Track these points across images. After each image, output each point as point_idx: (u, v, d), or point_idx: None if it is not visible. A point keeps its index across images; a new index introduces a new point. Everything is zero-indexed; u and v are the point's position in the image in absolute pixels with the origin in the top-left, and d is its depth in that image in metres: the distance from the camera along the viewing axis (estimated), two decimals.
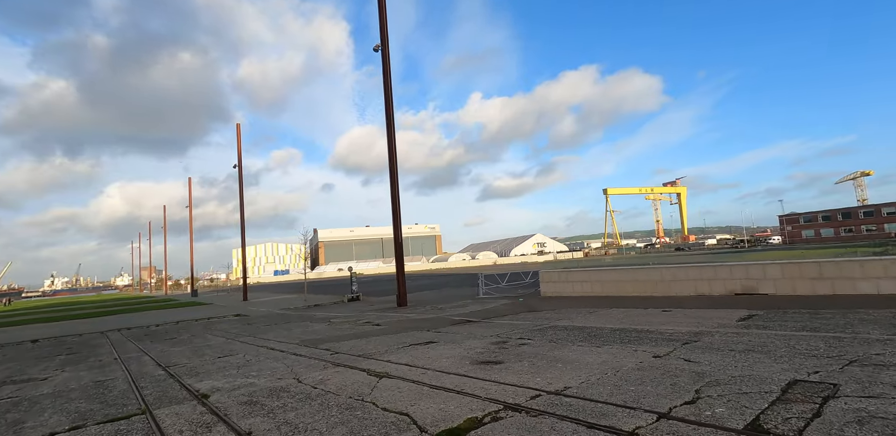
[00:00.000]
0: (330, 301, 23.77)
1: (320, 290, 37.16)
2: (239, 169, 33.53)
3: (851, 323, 7.01)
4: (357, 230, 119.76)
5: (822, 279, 10.52)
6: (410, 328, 10.61)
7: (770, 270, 11.26)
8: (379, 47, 18.44)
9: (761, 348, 5.77)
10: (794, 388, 4.08)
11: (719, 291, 12.06)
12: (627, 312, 10.52)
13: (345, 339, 9.68)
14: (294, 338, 10.55)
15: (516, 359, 6.20)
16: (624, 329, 8.14)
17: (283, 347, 9.25)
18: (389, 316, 13.89)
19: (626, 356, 5.88)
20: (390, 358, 6.99)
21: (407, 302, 17.33)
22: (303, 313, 17.97)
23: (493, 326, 9.98)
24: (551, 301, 14.34)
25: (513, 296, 17.34)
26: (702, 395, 4.07)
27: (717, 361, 5.28)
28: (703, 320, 8.42)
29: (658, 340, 6.89)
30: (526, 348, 6.97)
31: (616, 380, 4.74)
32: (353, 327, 11.71)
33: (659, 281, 13.23)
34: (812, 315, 8.00)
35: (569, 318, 10.25)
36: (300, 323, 14.16)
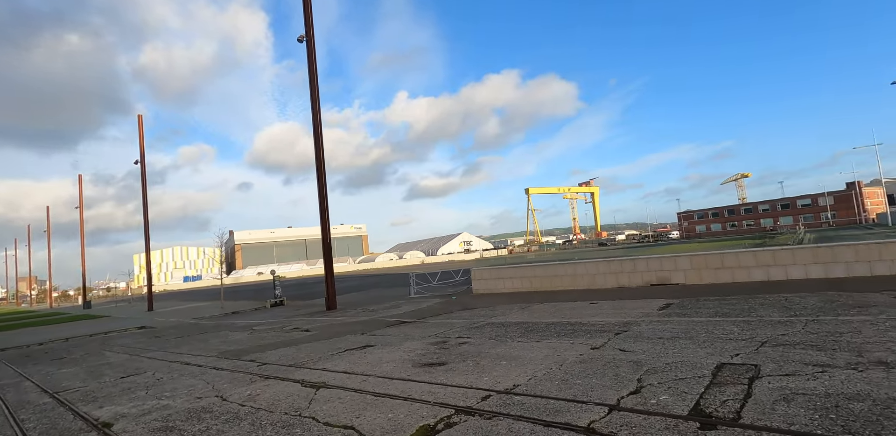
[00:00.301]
0: (250, 307, 22.23)
1: (238, 295, 34.73)
2: (142, 165, 30.24)
3: (754, 308, 7.77)
4: (278, 231, 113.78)
5: (724, 269, 11.66)
6: (343, 332, 10.12)
7: (681, 262, 12.26)
8: (304, 38, 17.50)
9: (685, 335, 6.17)
10: (722, 371, 4.36)
11: (637, 282, 12.92)
12: (558, 305, 10.88)
13: (271, 348, 8.98)
14: (212, 350, 9.61)
15: (459, 359, 6.08)
16: (558, 323, 8.37)
17: (201, 360, 8.36)
18: (319, 321, 13.21)
19: (567, 350, 5.99)
20: (326, 366, 6.55)
21: (336, 305, 16.64)
22: (220, 322, 16.56)
23: (430, 325, 9.82)
24: (484, 298, 14.51)
25: (445, 294, 17.33)
26: (644, 384, 4.20)
27: (650, 349, 5.55)
28: (628, 311, 8.91)
29: (592, 332, 7.14)
30: (467, 347, 6.88)
31: (562, 374, 4.77)
32: (280, 335, 10.95)
33: (584, 275, 13.89)
34: (720, 302, 8.79)
35: (504, 314, 10.38)
36: (218, 333, 12.99)
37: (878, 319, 5.91)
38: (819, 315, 6.54)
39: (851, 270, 10.10)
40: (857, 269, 10.05)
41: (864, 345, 4.75)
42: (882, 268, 9.82)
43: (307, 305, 21.05)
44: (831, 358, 4.41)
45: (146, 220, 30.28)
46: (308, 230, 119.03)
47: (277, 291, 23.49)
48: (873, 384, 3.59)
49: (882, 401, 3.24)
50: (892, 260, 9.74)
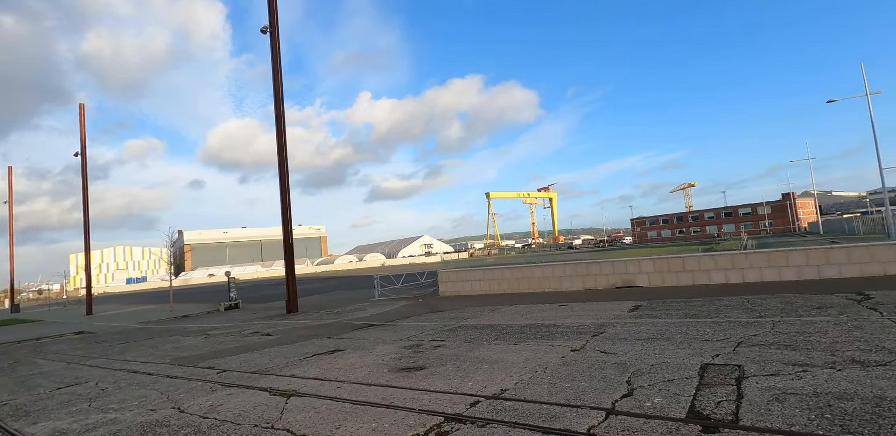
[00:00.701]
0: (202, 311, 21.03)
1: (189, 298, 32.89)
2: (83, 158, 28.07)
3: (720, 309, 8.00)
4: (232, 232, 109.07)
5: (685, 272, 12.04)
6: (309, 336, 9.65)
7: (644, 265, 12.57)
8: (268, 29, 16.79)
9: (661, 336, 6.23)
10: (707, 372, 4.37)
11: (603, 285, 13.15)
12: (528, 308, 10.86)
13: (231, 353, 8.40)
14: (164, 356, 8.89)
15: (438, 363, 5.85)
16: (532, 325, 8.30)
17: (151, 368, 7.68)
18: (280, 324, 12.58)
19: (547, 352, 5.90)
20: (294, 372, 6.15)
21: (298, 308, 15.96)
22: (170, 326, 15.50)
23: (400, 328, 9.53)
24: (452, 300, 14.33)
25: (411, 297, 17.02)
26: (634, 386, 4.14)
27: (630, 350, 5.54)
28: (599, 312, 8.98)
29: (568, 333, 7.10)
30: (444, 351, 6.67)
31: (549, 377, 4.65)
32: (239, 339, 10.31)
33: (551, 277, 14.00)
34: (686, 303, 9.02)
35: (474, 316, 10.24)
36: (168, 338, 12.11)
37: (839, 319, 6.19)
38: (783, 316, 6.79)
39: (802, 274, 10.67)
40: (807, 272, 10.63)
41: (835, 344, 4.92)
42: (830, 271, 10.42)
43: (265, 308, 20.13)
44: (808, 357, 4.52)
45: (86, 217, 28.11)
46: (264, 231, 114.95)
47: (232, 293, 22.37)
48: (856, 383, 3.67)
49: (870, 399, 3.30)
50: (838, 264, 10.36)
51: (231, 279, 22.92)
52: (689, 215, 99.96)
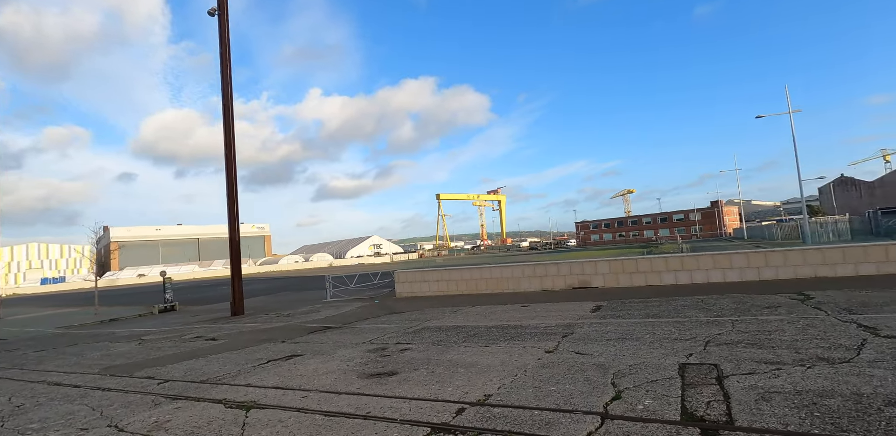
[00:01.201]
0: (133, 314, 19.32)
1: (116, 300, 30.22)
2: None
3: (678, 309, 8.27)
4: (166, 229, 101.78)
5: (638, 273, 12.46)
6: (260, 341, 8.99)
7: (600, 267, 12.89)
8: (216, 11, 15.68)
9: (630, 336, 6.29)
10: (687, 372, 4.39)
11: (560, 286, 13.35)
12: (490, 308, 10.77)
13: (172, 361, 7.63)
14: (91, 366, 7.93)
15: (410, 367, 5.56)
16: (499, 326, 8.19)
17: (77, 379, 6.79)
18: (226, 328, 11.71)
19: (521, 354, 5.77)
20: (250, 381, 5.62)
21: (244, 310, 14.99)
22: (96, 331, 14.04)
23: (360, 331, 9.11)
24: (410, 301, 14.01)
25: (366, 298, 16.50)
26: (620, 388, 4.07)
27: (605, 351, 5.52)
28: (562, 313, 9.03)
29: (537, 334, 7.03)
30: (412, 354, 6.38)
31: (531, 381, 4.50)
32: (180, 345, 9.43)
33: (510, 278, 14.04)
34: (645, 304, 9.27)
35: (437, 318, 10.00)
36: (94, 344, 10.91)
37: (790, 318, 6.54)
38: (739, 315, 7.10)
39: (744, 275, 11.34)
40: (748, 274, 11.31)
41: (796, 342, 5.14)
42: (768, 273, 11.14)
43: (206, 310, 18.80)
44: (776, 356, 4.67)
45: None
46: (202, 228, 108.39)
47: (168, 294, 20.75)
48: (830, 380, 3.79)
49: (849, 396, 3.40)
50: (775, 266, 11.10)
51: (167, 279, 21.25)
52: (629, 220, 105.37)
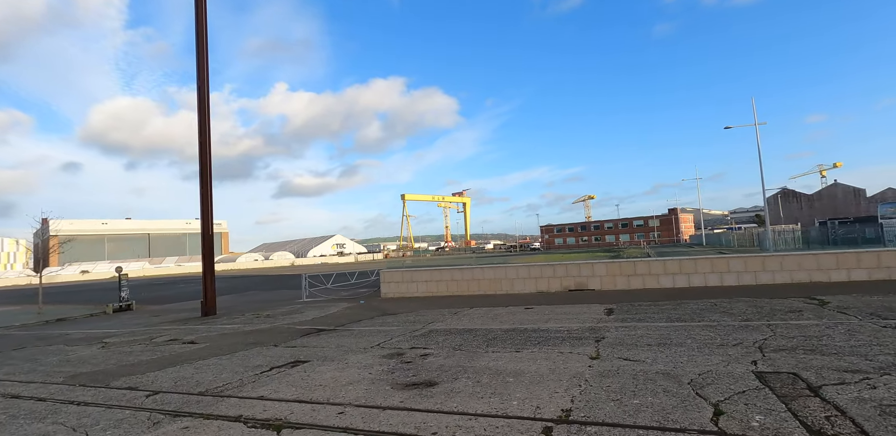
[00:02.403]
0: (83, 313, 17.59)
1: (58, 298, 27.68)
2: None
3: (697, 312, 8.07)
4: (113, 223, 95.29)
5: (636, 276, 12.34)
6: (249, 344, 8.11)
7: (597, 269, 12.70)
8: None
9: (670, 341, 5.96)
10: (768, 381, 4.05)
11: (556, 288, 13.06)
12: (491, 311, 10.30)
13: (152, 368, 6.67)
14: (52, 373, 6.83)
15: (448, 376, 4.97)
16: (515, 329, 7.71)
17: (39, 390, 5.76)
18: (201, 330, 10.64)
19: (565, 361, 5.30)
20: (261, 393, 4.85)
21: (216, 310, 13.83)
22: (44, 332, 12.52)
23: (360, 334, 8.40)
24: (399, 303, 13.32)
25: (348, 298, 15.66)
26: (711, 400, 3.66)
27: (656, 357, 5.14)
28: (575, 316, 8.67)
29: (565, 339, 6.60)
30: (438, 360, 5.78)
31: (603, 393, 4.03)
32: (154, 349, 8.39)
33: (503, 279, 13.63)
34: (658, 307, 9.05)
35: (438, 320, 9.42)
36: (47, 348, 9.61)
37: (826, 323, 6.41)
38: (768, 320, 6.94)
39: (741, 279, 11.42)
40: (746, 278, 11.40)
41: (856, 349, 4.93)
42: (765, 277, 11.26)
43: (166, 310, 17.36)
44: (850, 363, 4.42)
45: None
46: (153, 223, 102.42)
47: (124, 292, 19.06)
48: None
49: None
50: (772, 271, 11.24)
51: (123, 276, 19.50)
52: (592, 225, 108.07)
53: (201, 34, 14.40)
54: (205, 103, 14.25)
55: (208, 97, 14.40)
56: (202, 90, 14.32)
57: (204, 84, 14.35)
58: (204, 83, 14.35)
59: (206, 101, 14.31)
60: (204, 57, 14.37)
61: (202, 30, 14.40)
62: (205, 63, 14.38)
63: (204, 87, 14.33)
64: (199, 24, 14.41)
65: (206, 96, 14.31)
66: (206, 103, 14.28)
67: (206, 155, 14.17)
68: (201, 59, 14.33)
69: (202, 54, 14.35)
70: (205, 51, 14.41)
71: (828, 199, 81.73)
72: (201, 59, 14.33)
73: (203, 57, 14.35)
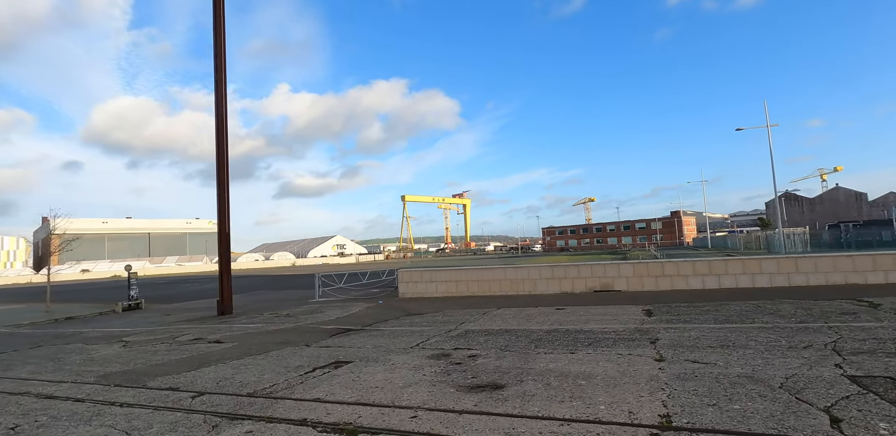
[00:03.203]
0: (92, 312, 17.29)
1: (62, 296, 27.33)
2: None
3: (744, 313, 7.82)
4: (113, 222, 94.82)
5: (663, 276, 12.11)
6: (279, 344, 7.85)
7: (624, 269, 12.46)
8: None
9: (730, 343, 5.72)
10: (869, 387, 3.81)
11: (581, 288, 12.81)
12: (521, 311, 10.05)
13: (185, 368, 6.41)
14: (80, 373, 6.56)
15: (511, 378, 4.72)
16: (556, 330, 7.47)
17: (73, 390, 5.49)
18: (222, 329, 10.36)
19: (629, 363, 5.06)
20: (316, 394, 4.60)
21: (233, 309, 13.55)
22: (57, 331, 12.23)
23: (393, 334, 8.14)
24: (420, 302, 13.06)
25: (364, 298, 15.40)
26: (818, 405, 3.42)
27: (727, 360, 4.90)
28: (614, 317, 8.42)
29: (617, 340, 6.36)
30: (491, 362, 5.53)
31: (695, 397, 3.78)
32: (179, 349, 8.12)
33: (526, 280, 13.38)
34: (698, 308, 8.81)
35: (469, 320, 9.17)
36: (65, 346, 9.34)
37: (890, 325, 6.18)
38: (825, 321, 6.70)
39: (774, 281, 11.19)
40: (778, 280, 11.17)
41: None
42: (798, 279, 11.04)
43: (176, 308, 17.07)
44: None
45: None
46: (152, 223, 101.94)
47: (133, 291, 18.76)
48: None
49: None
50: (806, 273, 11.02)
51: (132, 275, 19.20)
52: (594, 227, 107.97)
53: (219, 36, 14.16)
54: (222, 103, 14.01)
55: (226, 98, 14.13)
56: (219, 92, 14.05)
57: (221, 86, 14.07)
58: (221, 85, 14.06)
59: (224, 103, 14.06)
60: (221, 60, 14.10)
61: (220, 31, 14.16)
62: (222, 66, 14.10)
63: (221, 90, 14.05)
64: (217, 28, 14.17)
65: (223, 98, 14.05)
66: (223, 104, 14.03)
67: (224, 154, 13.90)
68: (219, 63, 14.06)
69: (220, 57, 14.09)
70: (222, 55, 14.16)
71: (829, 203, 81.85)
72: (219, 63, 14.06)
73: (220, 60, 14.08)
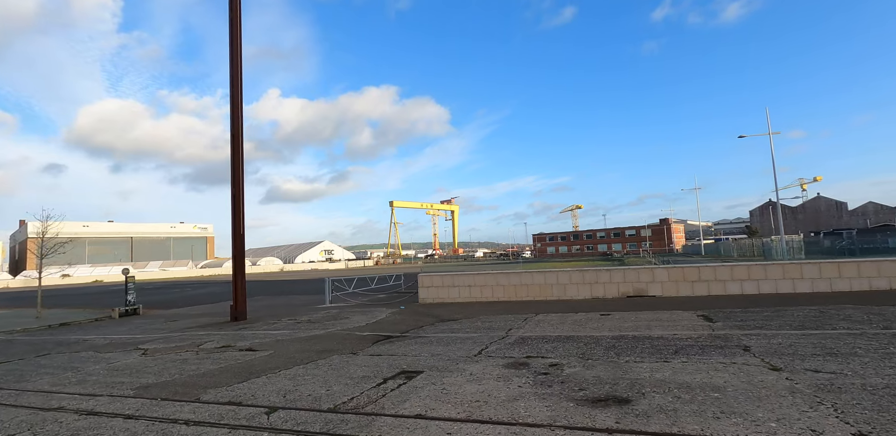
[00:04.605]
0: (87, 318, 16.31)
1: (49, 302, 26.00)
2: None
3: (811, 319, 7.48)
4: (94, 226, 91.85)
5: (700, 281, 11.79)
6: (321, 352, 7.24)
7: (658, 274, 12.12)
8: None
9: (837, 351, 5.33)
10: None
11: (613, 293, 12.42)
12: (564, 317, 9.59)
13: (232, 379, 5.77)
14: (112, 385, 5.86)
15: (628, 391, 4.24)
16: (623, 336, 7.02)
17: (117, 406, 4.82)
18: (245, 335, 9.67)
19: (746, 373, 4.62)
20: (414, 410, 4.04)
21: (246, 315, 12.80)
22: (58, 338, 11.35)
23: (441, 341, 7.59)
24: (445, 308, 12.50)
25: (386, 303, 14.78)
26: None
27: (855, 370, 4.50)
28: (670, 323, 8.02)
29: (704, 347, 5.93)
30: (582, 371, 5.05)
31: (867, 412, 3.34)
32: (210, 357, 7.44)
33: (555, 285, 12.95)
34: (752, 313, 8.46)
35: (515, 326, 8.66)
36: (76, 355, 8.56)
37: None
38: None
39: (816, 286, 10.95)
40: (820, 285, 10.93)
41: None
42: (841, 285, 10.81)
43: (177, 314, 16.21)
44: None
45: None
46: (135, 226, 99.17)
47: (131, 296, 17.80)
48: None
49: None
50: (849, 278, 10.80)
51: (130, 279, 18.23)
52: (584, 234, 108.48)
53: (235, 41, 13.56)
54: (238, 103, 13.37)
55: (241, 100, 13.47)
56: (235, 97, 13.40)
57: (237, 91, 13.43)
58: (237, 90, 13.41)
59: (239, 104, 13.43)
60: (237, 66, 13.48)
61: (236, 33, 13.57)
62: (238, 74, 13.48)
63: (237, 95, 13.41)
64: (233, 31, 13.58)
65: (238, 101, 13.42)
66: (238, 103, 13.40)
67: (238, 154, 13.22)
68: (234, 69, 13.43)
69: (235, 64, 13.47)
70: (238, 62, 13.55)
71: (811, 211, 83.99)
72: (234, 69, 13.43)
73: (237, 67, 13.47)
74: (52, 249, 19.14)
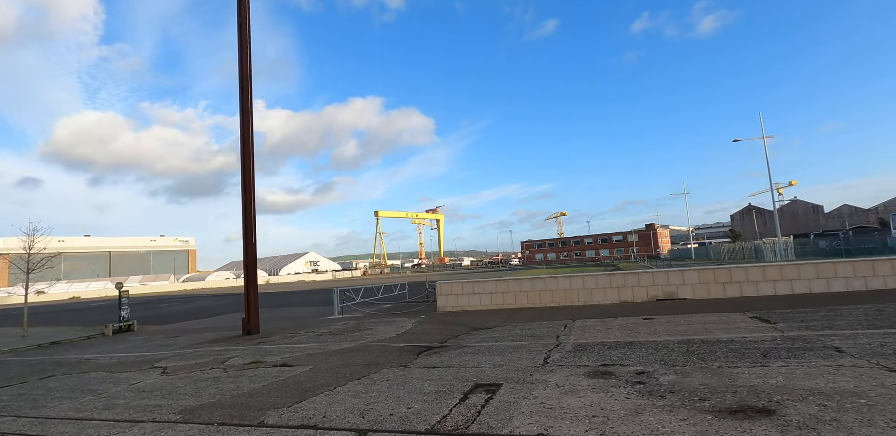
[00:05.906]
0: (79, 336, 15.33)
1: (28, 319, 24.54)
2: None
3: (877, 318, 7.24)
4: (70, 240, 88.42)
5: (731, 283, 11.56)
6: (366, 366, 6.68)
7: (688, 276, 11.86)
8: None
9: None
10: None
11: (642, 297, 12.11)
12: (605, 322, 9.20)
13: (287, 399, 5.18)
14: (148, 408, 5.21)
15: (763, 401, 3.84)
16: (689, 341, 6.66)
17: (166, 434, 4.21)
18: (270, 350, 9.00)
19: (871, 376, 4.27)
20: (533, 430, 3.54)
21: (259, 328, 12.08)
22: (54, 358, 10.47)
23: (493, 351, 7.11)
24: (469, 316, 12.00)
25: (404, 313, 14.19)
26: None
27: None
28: (726, 325, 7.70)
29: (791, 350, 5.59)
30: (680, 379, 4.63)
31: None
32: (245, 374, 6.80)
33: (581, 289, 12.58)
34: (804, 313, 8.20)
35: (561, 333, 8.23)
36: (86, 375, 7.79)
37: None
38: None
39: (850, 285, 10.81)
40: (855, 284, 10.80)
41: None
42: (875, 283, 10.68)
43: (176, 330, 15.36)
44: None
45: None
46: (113, 241, 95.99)
47: (124, 311, 16.87)
48: None
49: None
50: (883, 276, 10.69)
51: (123, 293, 17.27)
52: (572, 241, 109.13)
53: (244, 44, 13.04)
54: (248, 111, 12.80)
55: (251, 108, 12.89)
56: (245, 104, 12.84)
57: (247, 98, 12.86)
58: (247, 98, 12.83)
59: (249, 112, 12.86)
60: (247, 83, 12.94)
61: (245, 37, 13.05)
62: (248, 90, 12.90)
63: (247, 102, 12.85)
64: (241, 34, 13.06)
65: (248, 109, 12.85)
66: (248, 111, 12.83)
67: (249, 162, 12.61)
68: (244, 86, 12.87)
69: (245, 71, 12.93)
70: (248, 79, 13.02)
71: (789, 214, 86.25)
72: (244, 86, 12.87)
73: (246, 84, 12.92)
74: (39, 264, 18.01)
